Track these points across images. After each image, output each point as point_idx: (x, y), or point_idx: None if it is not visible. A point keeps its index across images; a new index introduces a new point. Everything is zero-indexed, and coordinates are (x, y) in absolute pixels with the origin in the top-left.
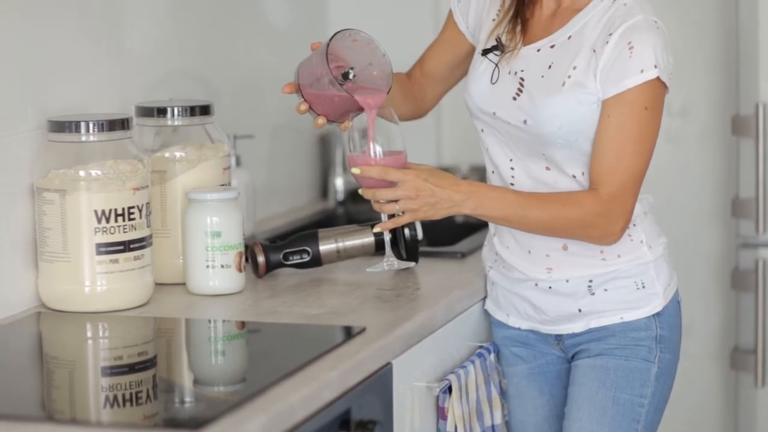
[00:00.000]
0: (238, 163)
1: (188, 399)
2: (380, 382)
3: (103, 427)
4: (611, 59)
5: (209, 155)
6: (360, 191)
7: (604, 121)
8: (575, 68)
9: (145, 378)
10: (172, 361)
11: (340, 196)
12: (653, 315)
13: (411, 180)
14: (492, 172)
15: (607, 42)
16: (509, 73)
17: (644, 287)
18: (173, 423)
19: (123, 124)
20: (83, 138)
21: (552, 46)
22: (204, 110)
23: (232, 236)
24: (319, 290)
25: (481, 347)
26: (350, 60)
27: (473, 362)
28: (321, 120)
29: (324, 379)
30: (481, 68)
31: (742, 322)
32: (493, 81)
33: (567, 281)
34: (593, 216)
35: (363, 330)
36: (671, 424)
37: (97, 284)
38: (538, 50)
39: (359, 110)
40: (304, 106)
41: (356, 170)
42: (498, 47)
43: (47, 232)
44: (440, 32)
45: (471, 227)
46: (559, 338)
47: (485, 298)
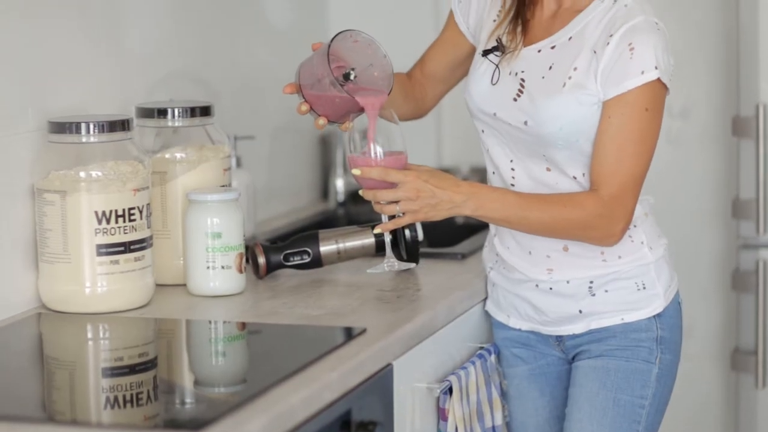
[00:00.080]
0: (239, 164)
1: (189, 400)
2: (381, 383)
3: (104, 428)
4: (612, 60)
5: (210, 156)
6: (360, 192)
7: (605, 122)
8: (576, 69)
9: (146, 379)
10: (173, 362)
11: (341, 197)
12: (654, 316)
13: (411, 181)
14: (492, 173)
15: (608, 43)
16: (510, 74)
17: (645, 288)
18: (174, 424)
19: (123, 125)
20: (84, 139)
21: (553, 47)
22: (204, 111)
23: (233, 237)
24: (320, 291)
25: (482, 348)
26: (351, 61)
27: (474, 363)
28: (322, 121)
29: (324, 380)
30: (482, 69)
31: (743, 323)
32: (494, 82)
33: (567, 282)
34: (594, 217)
35: (363, 331)
36: (672, 425)
37: (98, 285)
38: (539, 51)
39: (360, 111)
40: (305, 107)
41: (357, 171)
42: (498, 48)
43: (48, 233)
44: (441, 32)
45: (471, 228)
46: (560, 339)
47: (486, 299)
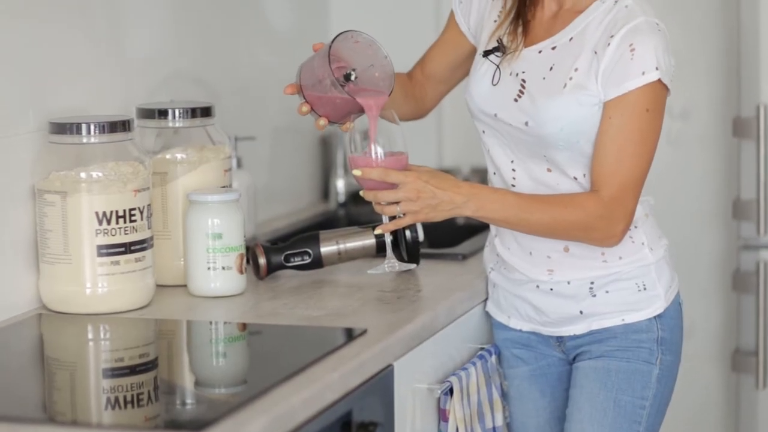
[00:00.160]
0: (239, 165)
1: (189, 401)
2: (381, 384)
3: (104, 429)
4: (613, 61)
5: (210, 157)
6: (361, 193)
7: (606, 123)
8: (576, 70)
9: (146, 380)
10: (174, 363)
11: (341, 198)
12: (654, 317)
13: (412, 182)
14: (493, 174)
15: (609, 44)
16: (510, 75)
17: (645, 289)
18: (174, 425)
19: (124, 126)
20: (84, 140)
21: (553, 48)
22: (205, 112)
23: (234, 238)
24: (321, 292)
25: (483, 349)
26: (352, 61)
27: (474, 364)
28: (322, 121)
29: (325, 381)
30: (482, 69)
31: (743, 324)
32: (494, 82)
33: (568, 283)
34: (594, 218)
35: (364, 332)
36: (672, 426)
37: (98, 286)
38: (540, 52)
39: (361, 112)
40: (306, 108)
41: (357, 172)
42: (499, 48)
43: (48, 234)
44: (441, 33)
45: (472, 229)
46: (561, 340)
47: (486, 300)
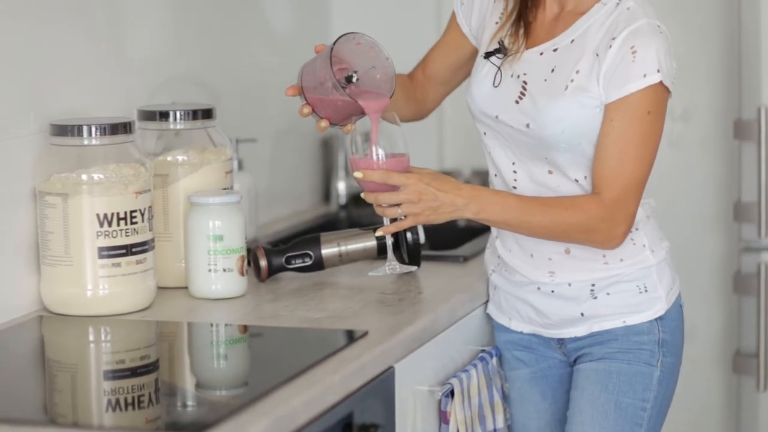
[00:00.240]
0: (241, 167)
1: (190, 403)
2: (382, 386)
3: (105, 431)
4: (614, 63)
5: (211, 159)
6: (362, 195)
7: (607, 125)
8: (578, 72)
9: (148, 382)
10: (175, 365)
11: (343, 200)
12: (656, 319)
13: (413, 184)
14: (495, 176)
15: (610, 46)
16: (512, 77)
17: (647, 291)
18: (175, 427)
19: (125, 128)
20: (85, 142)
21: (555, 50)
22: (206, 114)
23: (235, 240)
24: (322, 294)
25: (484, 351)
26: (354, 63)
27: (475, 366)
28: (324, 123)
29: (326, 383)
30: (484, 71)
31: (744, 326)
32: (496, 84)
33: (569, 285)
34: (596, 220)
35: (365, 334)
36: (673, 428)
37: (100, 288)
38: (541, 54)
39: (362, 114)
40: (307, 109)
41: (358, 174)
42: (501, 50)
43: (49, 236)
44: (443, 34)
45: (473, 231)
46: (562, 342)
47: (487, 302)
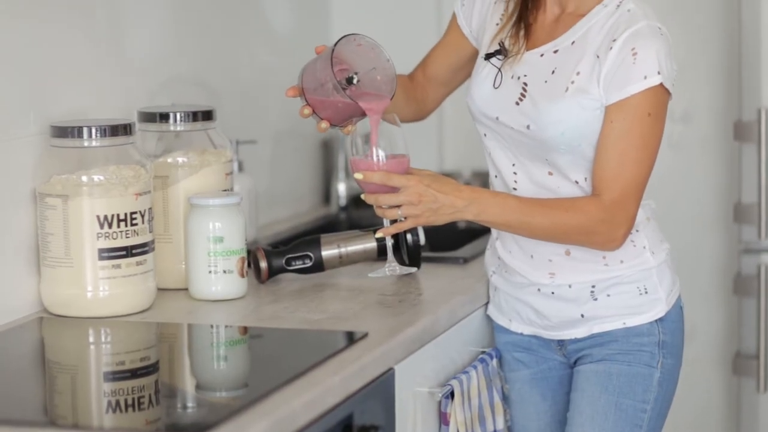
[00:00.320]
0: (241, 169)
1: (190, 404)
2: (383, 388)
3: None
4: (615, 65)
5: (212, 160)
6: (362, 196)
7: (607, 127)
8: (578, 74)
9: (148, 383)
10: (175, 367)
11: (343, 202)
12: (656, 320)
13: (413, 186)
14: (495, 177)
15: (611, 48)
16: (512, 78)
17: (647, 293)
18: (175, 428)
19: (125, 130)
20: (86, 143)
21: (555, 51)
22: (206, 115)
23: (235, 241)
24: (322, 295)
25: (484, 352)
26: (354, 64)
27: (475, 367)
28: (324, 124)
29: (326, 385)
30: (484, 72)
31: (745, 328)
32: (496, 85)
33: (570, 286)
34: (596, 222)
35: (365, 335)
36: (673, 430)
37: (100, 289)
38: (542, 55)
39: (363, 115)
40: (308, 110)
41: (359, 175)
42: (501, 51)
43: (49, 238)
44: (443, 35)
45: (473, 233)
46: (562, 343)
47: (488, 304)
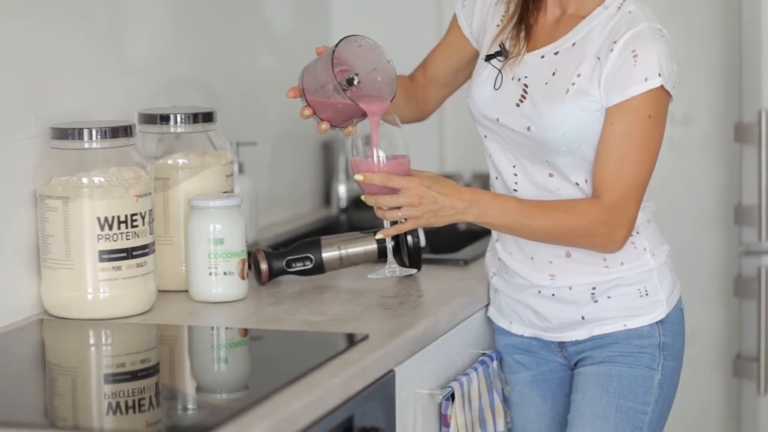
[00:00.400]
0: (241, 170)
1: (191, 406)
2: (383, 390)
3: None
4: (615, 67)
5: (212, 162)
6: (363, 197)
7: (608, 129)
8: (579, 75)
9: (148, 385)
10: (175, 369)
11: (343, 204)
12: (656, 322)
13: (414, 187)
14: (495, 179)
15: (612, 50)
16: (513, 79)
17: (647, 295)
18: (176, 430)
19: (126, 131)
20: (86, 145)
21: (556, 53)
22: (207, 117)
23: (235, 243)
24: (322, 297)
25: (484, 354)
26: (355, 65)
27: (476, 369)
28: (324, 125)
29: (327, 386)
30: (485, 74)
31: (745, 330)
32: (496, 87)
33: (570, 288)
34: (596, 224)
35: (366, 337)
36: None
37: (100, 291)
38: (542, 57)
39: (363, 116)
40: (308, 111)
41: (359, 177)
42: (502, 53)
43: (50, 239)
44: (444, 36)
45: (474, 234)
46: (562, 345)
47: (488, 306)
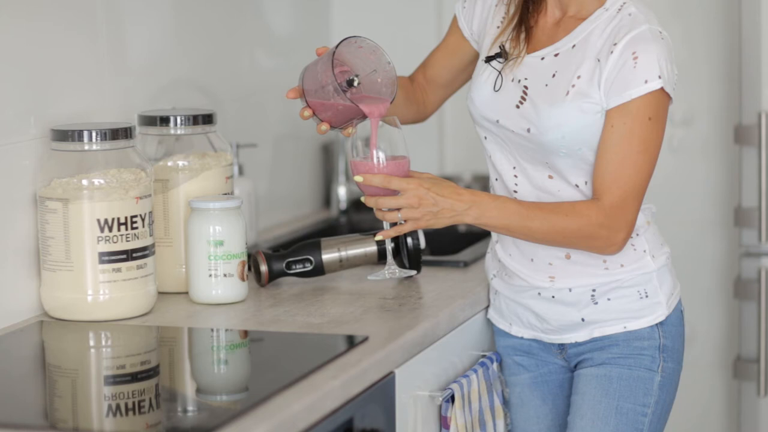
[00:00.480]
0: (241, 172)
1: (191, 408)
2: (383, 391)
3: None
4: (615, 69)
5: (212, 164)
6: (362, 199)
7: (608, 131)
8: (579, 77)
9: (148, 387)
10: (175, 370)
11: (343, 205)
12: (656, 324)
13: (413, 189)
14: (495, 180)
15: (612, 52)
16: (512, 81)
17: (647, 296)
18: None
19: (126, 133)
20: (86, 147)
21: (556, 55)
22: (207, 119)
23: (235, 245)
24: (322, 299)
25: (484, 356)
26: (355, 66)
27: (476, 371)
28: (324, 126)
29: (326, 388)
30: (485, 75)
31: (745, 331)
32: (496, 89)
33: (570, 290)
34: (595, 227)
35: (366, 339)
36: None
37: (100, 293)
38: (542, 58)
39: (363, 117)
40: (308, 112)
41: (359, 178)
42: (502, 54)
43: (50, 241)
44: (444, 37)
45: (474, 236)
46: (562, 347)
47: (488, 307)
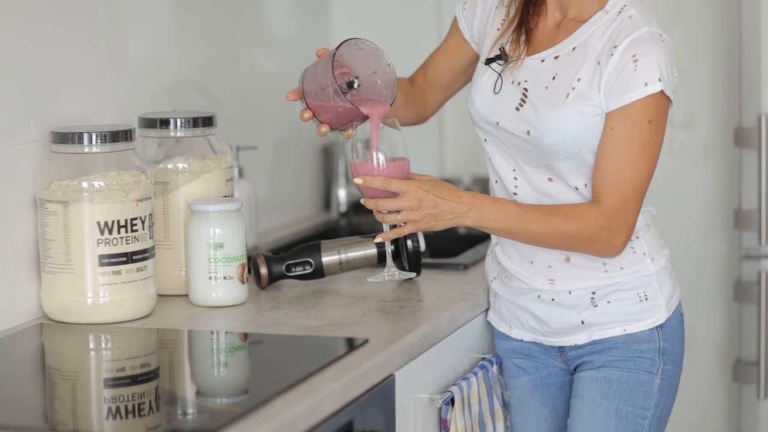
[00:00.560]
0: (241, 175)
1: (191, 411)
2: (383, 394)
3: None
4: (615, 72)
5: (212, 166)
6: (362, 201)
7: (608, 134)
8: (579, 80)
9: (148, 389)
10: (175, 373)
11: (343, 208)
12: (656, 327)
13: (413, 191)
14: (495, 182)
15: (612, 54)
16: (512, 83)
17: (647, 299)
18: None
19: (126, 136)
20: (86, 149)
21: (556, 57)
22: (207, 121)
23: (235, 248)
24: (322, 302)
25: (484, 359)
26: (355, 68)
27: (476, 374)
28: (324, 128)
29: (326, 391)
30: (485, 77)
31: (745, 334)
32: (496, 91)
33: (569, 293)
34: (595, 229)
35: (365, 342)
36: None
37: (100, 295)
38: (542, 61)
39: (363, 119)
40: (308, 114)
41: (359, 180)
42: (502, 57)
43: (50, 244)
44: (444, 39)
45: (474, 239)
46: (562, 350)
47: (488, 310)
